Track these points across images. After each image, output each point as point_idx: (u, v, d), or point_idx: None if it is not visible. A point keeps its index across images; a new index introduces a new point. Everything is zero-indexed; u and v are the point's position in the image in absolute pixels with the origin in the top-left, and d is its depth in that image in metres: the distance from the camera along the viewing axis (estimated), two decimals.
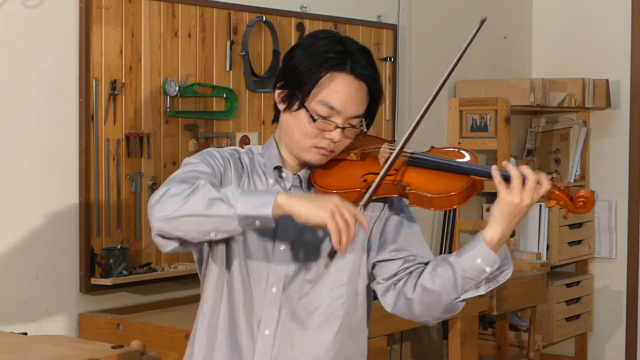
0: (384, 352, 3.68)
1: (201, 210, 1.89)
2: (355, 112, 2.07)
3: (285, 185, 2.12)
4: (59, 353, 2.69)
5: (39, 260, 3.38)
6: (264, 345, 2.08)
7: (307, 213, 1.87)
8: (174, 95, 3.71)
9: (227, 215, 1.88)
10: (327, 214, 1.86)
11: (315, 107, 2.04)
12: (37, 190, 3.38)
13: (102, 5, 3.49)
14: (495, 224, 1.99)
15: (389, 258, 2.10)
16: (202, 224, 1.90)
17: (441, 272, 2.03)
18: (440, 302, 2.05)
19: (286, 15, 4.16)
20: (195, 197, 1.90)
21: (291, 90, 2.07)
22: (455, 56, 2.26)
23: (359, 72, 2.06)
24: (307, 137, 2.06)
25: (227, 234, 1.92)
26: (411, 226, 2.15)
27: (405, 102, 4.82)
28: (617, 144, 5.47)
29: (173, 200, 1.91)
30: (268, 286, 2.08)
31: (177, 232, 1.93)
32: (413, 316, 2.10)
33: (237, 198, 1.88)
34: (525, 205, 1.97)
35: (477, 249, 2.00)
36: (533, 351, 4.86)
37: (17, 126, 3.33)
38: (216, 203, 1.88)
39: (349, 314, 2.12)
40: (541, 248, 5.16)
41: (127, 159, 3.59)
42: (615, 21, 5.45)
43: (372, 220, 2.12)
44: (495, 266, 2.01)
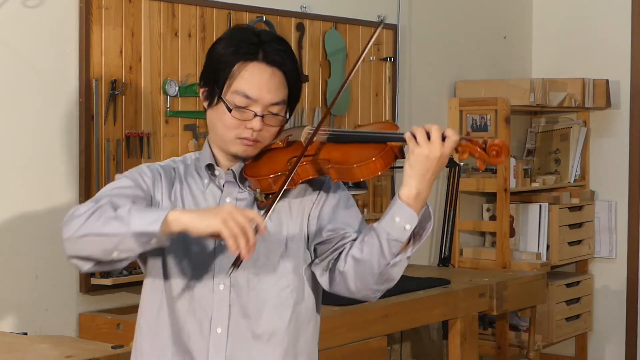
0: (384, 352, 3.68)
1: (98, 229, 1.91)
2: (272, 99, 2.08)
3: (219, 183, 2.14)
4: (59, 353, 2.69)
5: (39, 260, 3.38)
6: (217, 343, 2.07)
7: (199, 225, 1.87)
8: (174, 95, 3.72)
9: (121, 233, 1.89)
10: (218, 221, 1.85)
11: (232, 98, 2.07)
12: (37, 190, 3.38)
13: (102, 5, 3.49)
14: (408, 179, 1.99)
15: (325, 239, 2.11)
16: (102, 243, 1.91)
17: (368, 240, 2.04)
18: (372, 270, 2.04)
19: (286, 15, 4.16)
20: (93, 217, 1.92)
21: (210, 86, 2.11)
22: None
23: (270, 59, 2.08)
24: (229, 129, 2.09)
25: (129, 252, 1.92)
26: (348, 205, 2.16)
27: (405, 102, 4.82)
28: (617, 144, 5.47)
29: (75, 221, 1.94)
30: (215, 284, 2.08)
31: (83, 252, 1.95)
32: (350, 292, 2.10)
33: (132, 216, 1.90)
34: (435, 156, 1.97)
35: (394, 208, 2.00)
36: (533, 351, 4.86)
37: (17, 126, 3.33)
38: (111, 222, 1.90)
39: (299, 303, 2.13)
40: (541, 248, 5.16)
41: (127, 159, 3.59)
42: (615, 21, 5.45)
43: (309, 204, 2.14)
44: (414, 223, 1.99)
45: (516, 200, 5.21)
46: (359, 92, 4.53)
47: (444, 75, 5.12)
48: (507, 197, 4.94)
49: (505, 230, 4.94)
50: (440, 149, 1.97)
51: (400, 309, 3.77)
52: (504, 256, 4.95)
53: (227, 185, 2.13)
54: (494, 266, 4.98)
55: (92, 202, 1.99)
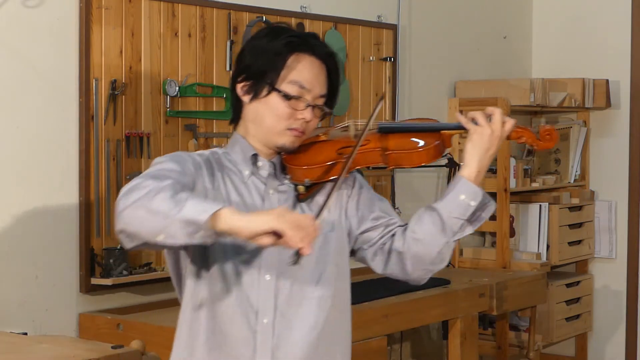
0: (384, 352, 3.68)
1: (152, 206, 1.89)
2: (321, 90, 2.17)
3: (261, 175, 2.16)
4: (59, 353, 2.69)
5: (39, 260, 3.38)
6: (264, 334, 2.09)
7: (253, 223, 1.85)
8: (174, 95, 3.72)
9: (171, 215, 1.87)
10: (274, 217, 1.85)
11: (286, 88, 2.13)
12: (37, 190, 3.38)
13: (102, 5, 3.49)
14: (471, 158, 2.12)
15: (370, 226, 2.21)
16: (151, 221, 1.89)
17: (427, 219, 2.13)
18: (431, 249, 2.13)
19: (286, 15, 4.16)
20: (152, 193, 1.90)
21: (256, 80, 2.14)
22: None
23: (319, 52, 2.17)
24: (280, 120, 2.13)
25: (174, 239, 1.88)
26: (382, 199, 2.28)
27: (405, 102, 4.82)
28: (617, 144, 5.47)
29: (136, 193, 1.92)
30: (261, 274, 2.10)
31: (131, 227, 1.92)
32: (405, 272, 2.18)
33: (188, 201, 1.88)
34: (496, 135, 2.11)
35: (458, 186, 2.12)
36: (533, 351, 4.86)
37: (17, 126, 3.33)
38: (166, 202, 1.88)
39: (339, 292, 2.19)
40: (541, 248, 5.16)
41: (127, 159, 3.59)
42: (615, 21, 5.45)
43: (345, 197, 2.22)
44: (478, 199, 2.11)
45: (516, 200, 5.21)
46: (359, 92, 4.53)
47: (444, 75, 5.12)
48: (507, 197, 4.94)
49: (505, 230, 4.94)
50: (501, 129, 2.12)
51: (400, 309, 3.77)
52: (504, 256, 4.95)
53: (269, 177, 2.17)
54: (494, 266, 4.98)
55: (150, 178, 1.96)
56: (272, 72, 2.12)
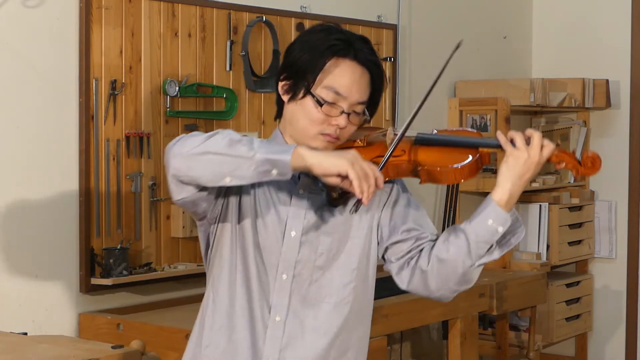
0: (384, 352, 3.68)
1: (221, 149, 1.92)
2: (360, 98, 2.10)
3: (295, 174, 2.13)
4: (59, 353, 2.69)
5: (39, 260, 3.38)
6: (274, 331, 2.10)
7: (327, 163, 1.91)
8: (174, 95, 3.71)
9: (246, 156, 1.91)
10: (346, 162, 1.90)
11: (321, 93, 2.08)
12: (37, 190, 3.38)
13: (102, 5, 3.49)
14: (504, 182, 2.03)
15: (400, 239, 2.14)
16: (220, 163, 1.92)
17: (454, 241, 2.06)
18: (456, 271, 2.07)
19: (286, 15, 4.16)
20: (217, 137, 1.93)
21: (295, 79, 2.11)
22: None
23: (362, 58, 2.10)
24: (313, 124, 2.09)
25: (242, 180, 1.93)
26: (418, 208, 2.19)
27: (405, 102, 4.82)
28: (617, 144, 5.46)
29: (193, 140, 1.95)
30: (279, 273, 2.10)
31: (192, 172, 1.94)
32: (429, 291, 2.12)
33: (258, 144, 1.92)
34: (533, 161, 2.02)
35: (487, 210, 2.03)
36: (533, 351, 4.86)
37: (17, 126, 3.33)
38: (237, 144, 1.92)
39: (358, 300, 2.16)
40: (541, 248, 5.16)
41: (127, 159, 3.59)
42: (615, 21, 5.45)
43: (380, 205, 2.16)
44: (507, 226, 2.03)
45: None
46: None
47: (444, 75, 5.09)
48: None
49: None
50: (539, 155, 2.02)
51: (400, 309, 3.77)
52: (504, 256, 4.93)
53: (302, 176, 2.13)
54: (494, 266, 4.97)
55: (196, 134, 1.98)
56: (310, 74, 2.08)
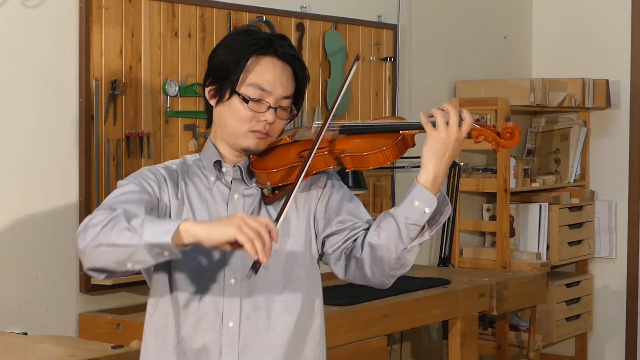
0: (384, 352, 3.68)
1: (111, 240, 1.92)
2: (284, 92, 2.15)
3: (226, 180, 2.17)
4: (59, 353, 2.69)
5: (39, 260, 3.38)
6: (229, 338, 2.10)
7: (214, 234, 1.88)
8: (174, 95, 3.72)
9: (134, 244, 1.90)
10: (233, 228, 1.86)
11: (246, 91, 2.13)
12: (37, 190, 3.38)
13: (102, 5, 3.49)
14: (427, 162, 2.06)
15: (334, 230, 2.17)
16: (115, 254, 1.93)
17: (384, 226, 2.08)
18: (389, 255, 2.08)
19: (286, 15, 4.16)
20: (107, 227, 1.93)
21: (220, 82, 2.15)
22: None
23: (282, 53, 2.16)
24: (242, 122, 2.14)
25: (142, 264, 1.93)
26: (352, 199, 2.22)
27: (405, 102, 4.82)
28: (617, 144, 5.47)
29: (90, 232, 1.96)
30: (226, 278, 2.11)
31: (98, 264, 1.97)
32: (366, 278, 2.15)
33: (145, 227, 1.90)
34: (452, 139, 2.05)
35: (413, 192, 2.06)
36: (533, 351, 4.86)
37: (17, 126, 3.33)
38: (124, 232, 1.91)
39: (307, 295, 2.18)
40: (541, 248, 5.16)
41: (127, 159, 3.59)
42: (615, 21, 5.45)
43: (314, 199, 2.19)
44: (433, 206, 2.06)
45: (516, 200, 5.21)
46: (359, 92, 4.53)
47: (444, 75, 5.12)
48: (507, 197, 4.94)
49: (505, 230, 4.94)
50: (458, 132, 2.05)
51: (400, 309, 3.77)
52: (504, 256, 4.95)
53: (234, 182, 2.17)
54: (494, 266, 4.98)
55: (104, 210, 1.99)
56: (233, 74, 2.13)
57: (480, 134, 2.10)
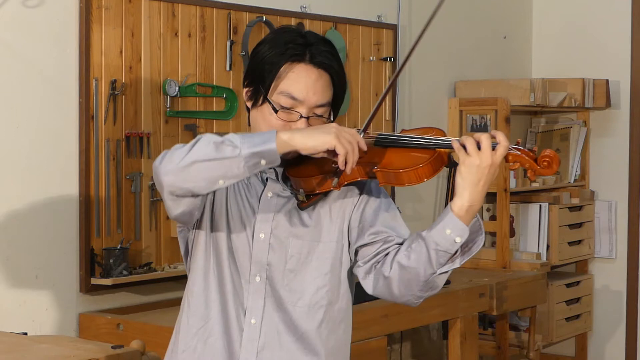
0: (384, 352, 3.68)
1: (208, 155, 1.93)
2: (318, 101, 2.09)
3: (262, 177, 2.15)
4: (59, 353, 2.69)
5: (39, 260, 3.38)
6: (250, 334, 2.10)
7: (313, 141, 1.94)
8: (174, 95, 3.71)
9: (232, 156, 1.92)
10: (333, 137, 1.93)
11: (277, 99, 2.08)
12: (37, 190, 3.38)
13: (102, 5, 3.49)
14: (462, 191, 1.99)
15: (368, 242, 2.11)
16: (210, 169, 1.93)
17: (415, 248, 2.03)
18: (418, 278, 2.04)
19: (286, 15, 4.16)
20: (199, 144, 1.94)
21: (255, 86, 2.11)
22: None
23: (317, 61, 2.09)
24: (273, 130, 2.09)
25: (235, 178, 1.95)
26: (389, 209, 2.15)
27: (405, 102, 4.82)
28: (617, 144, 5.47)
29: (178, 153, 1.95)
30: (252, 275, 2.11)
31: (186, 184, 1.95)
32: (393, 296, 2.10)
33: (240, 139, 1.93)
34: (486, 165, 1.97)
35: (445, 220, 1.99)
36: (533, 351, 4.86)
37: (17, 126, 3.33)
38: (221, 146, 1.93)
39: (332, 303, 2.14)
40: (541, 248, 5.16)
41: (127, 159, 3.59)
42: (615, 21, 5.45)
43: (350, 207, 2.14)
44: (465, 236, 1.99)
45: (516, 200, 5.21)
46: (359, 92, 4.53)
47: (444, 75, 5.12)
48: (507, 197, 4.94)
49: (505, 230, 4.94)
50: (492, 157, 1.98)
51: (400, 309, 3.77)
52: (504, 256, 4.95)
53: (270, 180, 2.14)
54: (494, 266, 4.98)
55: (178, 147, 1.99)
56: (266, 81, 2.08)
57: (517, 160, 2.02)
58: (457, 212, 1.98)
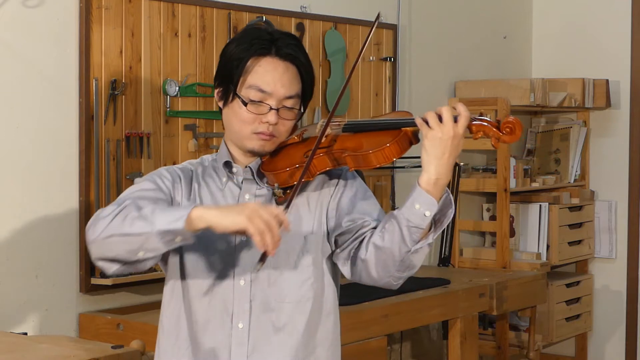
0: (384, 352, 3.68)
1: (123, 229, 1.94)
2: (287, 92, 2.11)
3: (237, 180, 2.16)
4: (59, 353, 2.69)
5: (39, 260, 3.38)
6: (239, 338, 2.10)
7: (225, 221, 1.90)
8: (174, 95, 3.72)
9: (146, 232, 1.92)
10: (243, 219, 1.88)
11: (247, 93, 2.11)
12: (37, 190, 3.38)
13: (102, 5, 3.49)
14: (427, 165, 2.00)
15: (345, 229, 2.13)
16: (127, 243, 1.94)
17: (388, 228, 2.04)
18: (394, 257, 2.05)
19: (286, 15, 4.16)
20: (118, 217, 1.95)
21: (225, 86, 2.14)
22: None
23: (283, 53, 2.12)
24: (244, 124, 2.11)
25: (154, 251, 1.95)
26: (365, 196, 2.18)
27: (405, 102, 4.82)
28: (617, 144, 5.47)
29: (101, 223, 1.97)
30: (235, 279, 2.10)
31: (109, 254, 1.97)
32: (372, 279, 2.11)
33: (156, 215, 1.92)
34: (448, 137, 1.98)
35: (414, 195, 2.00)
36: (533, 351, 4.86)
37: (17, 126, 3.33)
38: (135, 221, 1.93)
39: (319, 295, 2.15)
40: (541, 248, 5.16)
41: (127, 159, 3.59)
42: (615, 21, 5.45)
43: (327, 197, 2.16)
44: (434, 210, 1.99)
45: (516, 200, 5.21)
46: (359, 92, 4.53)
47: (444, 75, 5.12)
48: (507, 197, 4.94)
49: (505, 230, 4.94)
50: (453, 129, 1.98)
51: (400, 309, 3.77)
52: (504, 256, 4.95)
53: (245, 182, 2.16)
54: (494, 266, 4.98)
55: (115, 204, 2.01)
56: (234, 77, 2.11)
57: (480, 130, 2.02)
58: (425, 187, 1.99)
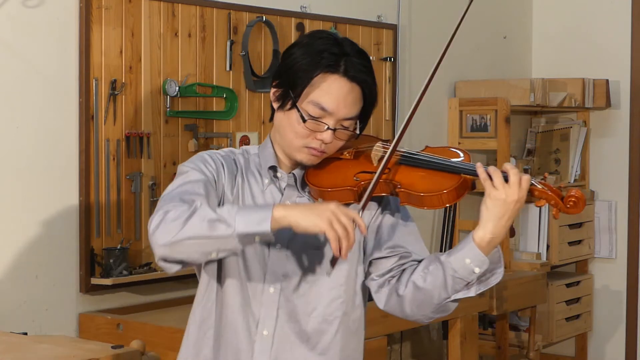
0: (384, 352, 3.68)
1: (201, 233, 1.88)
2: (347, 114, 2.05)
3: (280, 185, 2.12)
4: (59, 353, 2.69)
5: (39, 260, 3.38)
6: (262, 345, 2.08)
7: (305, 223, 1.87)
8: (174, 95, 3.71)
9: (226, 235, 1.88)
10: (324, 222, 1.86)
11: (307, 108, 2.04)
12: (37, 190, 3.38)
13: (102, 5, 3.49)
14: (485, 222, 1.97)
15: (384, 255, 2.10)
16: (203, 245, 1.90)
17: (432, 271, 2.02)
18: (431, 301, 2.03)
19: (286, 15, 4.16)
20: (194, 219, 1.89)
21: (285, 89, 2.07)
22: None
23: (352, 75, 2.05)
24: (298, 137, 2.06)
25: (229, 252, 1.93)
26: (407, 224, 2.14)
27: (405, 102, 4.82)
28: (617, 144, 5.47)
29: (172, 225, 1.90)
30: (265, 286, 2.08)
31: (180, 255, 1.93)
32: (404, 314, 2.09)
33: (234, 217, 1.88)
34: (511, 200, 1.95)
35: (466, 249, 1.98)
36: (533, 351, 4.86)
37: (17, 126, 3.33)
38: (215, 224, 1.88)
39: (347, 314, 2.12)
40: (541, 248, 5.16)
41: (127, 159, 3.59)
42: (615, 21, 5.45)
43: (367, 218, 2.11)
44: (484, 267, 1.98)
45: None
46: None
47: (444, 75, 5.12)
48: None
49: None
50: (518, 193, 1.95)
51: None
52: (504, 256, 4.94)
53: (287, 188, 2.12)
54: None
55: (176, 202, 1.95)
56: (298, 87, 2.04)
57: (543, 197, 1.97)
58: (479, 243, 1.97)
